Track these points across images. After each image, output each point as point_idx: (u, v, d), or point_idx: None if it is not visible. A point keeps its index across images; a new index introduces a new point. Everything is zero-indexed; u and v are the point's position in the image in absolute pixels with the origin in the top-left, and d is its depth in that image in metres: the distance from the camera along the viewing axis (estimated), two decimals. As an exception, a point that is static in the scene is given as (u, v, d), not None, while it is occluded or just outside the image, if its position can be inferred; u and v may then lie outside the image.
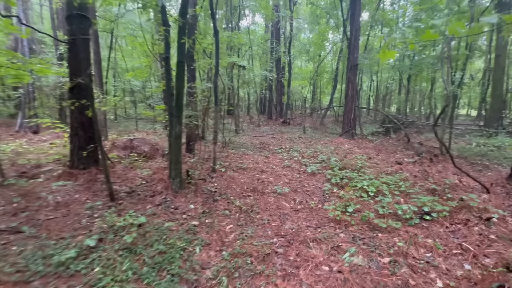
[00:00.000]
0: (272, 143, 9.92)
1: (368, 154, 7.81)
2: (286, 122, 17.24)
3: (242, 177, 5.38)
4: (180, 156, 4.04)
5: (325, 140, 10.58)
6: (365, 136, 10.60)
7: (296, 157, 7.17)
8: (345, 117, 10.48)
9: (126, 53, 18.31)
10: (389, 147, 9.01)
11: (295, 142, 10.29)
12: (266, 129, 14.94)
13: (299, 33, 27.54)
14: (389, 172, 5.81)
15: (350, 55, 10.05)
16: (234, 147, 8.93)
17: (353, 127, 10.35)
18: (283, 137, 11.83)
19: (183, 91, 3.90)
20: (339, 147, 8.91)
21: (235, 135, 11.96)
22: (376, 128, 11.87)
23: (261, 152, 8.09)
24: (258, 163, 6.63)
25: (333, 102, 18.24)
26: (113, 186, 4.57)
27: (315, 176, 5.61)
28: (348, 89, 10.20)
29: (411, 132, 12.24)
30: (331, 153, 7.80)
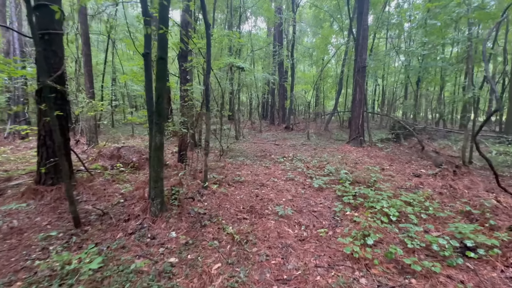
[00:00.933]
0: (274, 151, 9.20)
1: (380, 164, 7.05)
2: (289, 127, 16.53)
3: (239, 193, 4.66)
4: (161, 172, 3.34)
5: (331, 147, 9.83)
6: (375, 144, 9.84)
7: (300, 168, 6.44)
8: (353, 123, 9.75)
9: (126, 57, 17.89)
10: (402, 155, 8.23)
11: (299, 149, 9.56)
12: (268, 135, 14.23)
13: (302, 37, 27.05)
14: (408, 187, 5.05)
15: (358, 56, 9.36)
16: (233, 155, 8.23)
17: (361, 134, 9.61)
18: (286, 144, 11.10)
19: (164, 93, 3.23)
20: (347, 155, 8.16)
21: (235, 142, 11.27)
22: (386, 135, 11.10)
23: (261, 162, 7.37)
24: (257, 175, 5.91)
25: (337, 106, 17.50)
26: (86, 205, 3.89)
27: (322, 191, 4.87)
28: (355, 93, 9.49)
29: (423, 139, 11.46)
30: (339, 163, 7.05)
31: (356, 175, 5.46)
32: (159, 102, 3.20)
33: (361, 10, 9.21)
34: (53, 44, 3.90)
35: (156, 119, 3.22)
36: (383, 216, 3.48)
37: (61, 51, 4.03)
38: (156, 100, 3.20)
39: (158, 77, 3.18)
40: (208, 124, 4.34)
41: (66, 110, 4.20)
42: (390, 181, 5.37)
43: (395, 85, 21.71)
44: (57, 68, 3.99)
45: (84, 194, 4.20)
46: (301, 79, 26.20)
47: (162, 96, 3.22)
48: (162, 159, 3.36)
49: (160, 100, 3.20)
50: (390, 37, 15.57)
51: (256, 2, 17.92)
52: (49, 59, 3.89)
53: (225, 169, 6.31)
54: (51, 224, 3.31)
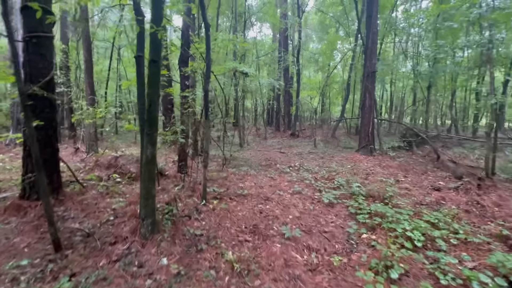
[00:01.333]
0: (280, 160, 8.78)
1: (394, 175, 6.56)
2: (294, 134, 16.12)
3: (241, 209, 4.24)
4: (152, 189, 2.96)
5: (339, 156, 9.36)
6: (386, 152, 9.33)
7: (308, 179, 5.99)
8: (362, 130, 9.28)
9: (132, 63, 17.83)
10: (417, 165, 7.71)
11: (306, 158, 9.12)
12: (273, 142, 13.83)
13: (307, 43, 26.84)
14: (428, 203, 4.56)
15: (367, 61, 8.97)
16: (236, 164, 7.83)
17: (371, 142, 9.13)
18: (292, 152, 10.68)
19: (157, 100, 2.88)
20: (357, 165, 7.68)
21: (239, 150, 10.90)
22: (397, 143, 10.58)
23: (266, 172, 6.95)
24: (262, 187, 5.49)
25: (345, 113, 17.04)
26: (72, 223, 3.53)
27: (333, 207, 4.42)
28: (365, 99, 9.05)
29: (437, 147, 10.90)
30: (349, 174, 6.59)
31: (369, 188, 4.99)
32: (151, 110, 2.85)
33: (370, 13, 8.85)
34: (41, 48, 3.62)
35: (147, 129, 2.87)
36: (406, 241, 3.01)
37: (50, 55, 3.74)
38: (148, 108, 2.85)
39: (150, 82, 2.84)
40: (208, 134, 3.98)
41: (55, 118, 3.89)
42: (408, 196, 4.88)
43: (404, 90, 21.17)
44: (46, 73, 3.70)
45: (73, 210, 3.85)
46: (306, 85, 25.86)
47: (154, 103, 2.87)
48: (154, 174, 2.99)
49: (152, 108, 2.85)
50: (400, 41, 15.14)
51: (261, 8, 17.79)
52: (37, 64, 3.61)
53: (228, 180, 5.91)
54: (29, 246, 2.95)
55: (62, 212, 3.74)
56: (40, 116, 3.67)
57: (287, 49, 18.73)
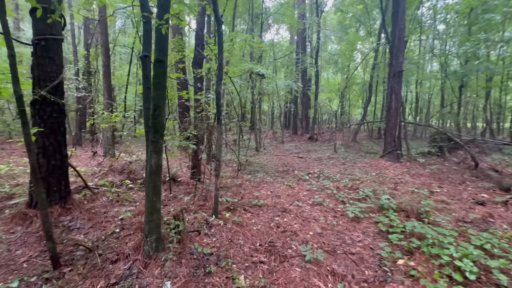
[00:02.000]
0: (298, 165, 8.32)
1: (426, 185, 5.89)
2: (313, 138, 15.53)
3: (256, 222, 3.87)
4: (157, 202, 2.68)
5: (362, 162, 8.72)
6: (414, 158, 8.57)
7: (329, 189, 5.50)
8: (388, 134, 8.60)
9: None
10: (451, 174, 6.94)
11: (326, 164, 8.59)
12: (291, 147, 13.36)
13: (326, 43, 26.11)
14: (473, 220, 3.93)
15: (393, 60, 8.30)
16: (252, 170, 7.48)
17: (398, 147, 8.42)
18: (311, 157, 10.16)
19: (163, 104, 2.60)
20: (383, 173, 7.05)
21: (255, 154, 10.56)
22: (426, 148, 9.73)
23: (283, 179, 6.53)
24: (279, 197, 5.08)
25: (366, 115, 16.20)
26: (77, 234, 3.34)
27: (359, 223, 3.92)
28: (390, 100, 8.38)
29: (474, 153, 9.91)
30: (375, 183, 6.01)
31: (400, 201, 4.43)
32: (156, 115, 2.57)
33: (396, 8, 8.21)
34: (49, 51, 3.50)
35: (152, 136, 2.59)
36: (455, 272, 2.49)
37: (59, 58, 3.62)
38: (152, 113, 2.57)
39: (156, 85, 2.57)
40: (220, 140, 3.65)
41: (64, 123, 3.76)
42: (447, 211, 4.26)
43: (431, 91, 19.86)
44: (55, 77, 3.57)
45: (79, 219, 3.67)
46: (325, 87, 25.11)
47: (160, 107, 2.59)
48: (159, 186, 2.70)
49: (157, 113, 2.57)
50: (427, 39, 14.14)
51: (278, 9, 17.48)
52: (45, 67, 3.48)
53: (242, 188, 5.57)
54: (29, 261, 2.76)
55: (69, 221, 3.57)
56: (48, 122, 3.55)
57: (305, 50, 18.23)
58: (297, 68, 17.67)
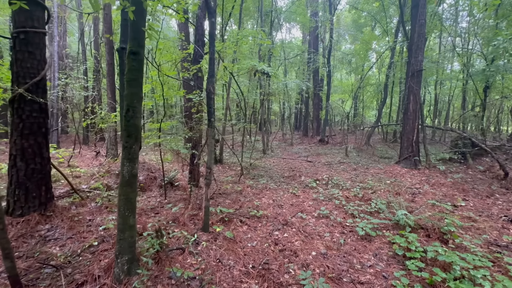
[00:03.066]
0: (305, 170, 7.81)
1: (449, 197, 5.25)
2: (323, 140, 14.90)
3: (252, 236, 3.44)
4: (130, 218, 2.30)
5: (376, 168, 8.10)
6: (434, 165, 7.85)
7: (338, 198, 4.99)
8: (404, 138, 7.93)
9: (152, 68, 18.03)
10: (477, 184, 6.23)
11: (335, 169, 8.03)
12: (300, 149, 12.82)
13: (339, 43, 25.31)
14: (508, 244, 3.33)
15: (412, 58, 7.64)
16: (256, 175, 7.05)
17: (415, 153, 7.73)
18: (320, 161, 9.61)
19: (138, 104, 2.22)
20: (398, 181, 6.43)
21: (261, 157, 10.13)
22: (447, 154, 8.95)
23: (288, 186, 6.06)
24: (281, 207, 4.63)
25: (381, 118, 15.39)
26: (53, 246, 3.03)
27: (371, 243, 3.40)
28: (408, 102, 7.71)
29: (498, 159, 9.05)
30: (390, 192, 5.43)
31: (419, 217, 3.87)
32: (129, 116, 2.20)
33: (416, 2, 7.55)
34: (30, 45, 3.22)
35: (124, 140, 2.22)
36: (493, 319, 1.96)
37: (40, 53, 3.34)
38: (125, 114, 2.20)
39: (129, 81, 2.19)
40: (211, 145, 3.26)
41: (46, 124, 3.48)
42: (475, 231, 3.67)
43: (451, 93, 18.71)
44: (35, 73, 3.29)
45: (59, 228, 3.38)
46: (337, 87, 24.33)
47: (134, 108, 2.21)
48: (132, 199, 2.33)
49: (130, 114, 2.20)
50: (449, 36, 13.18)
51: (290, 7, 16.97)
52: (25, 63, 3.21)
53: (242, 195, 5.15)
54: (-9, 278, 2.47)
55: (47, 231, 3.28)
56: (27, 122, 3.27)
57: (317, 49, 17.62)
58: (309, 68, 17.11)
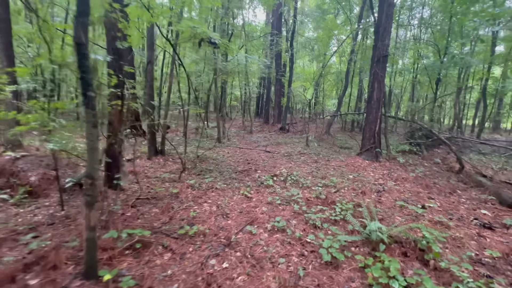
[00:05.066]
0: (263, 163, 6.87)
1: (415, 194, 4.78)
2: (284, 128, 14.23)
3: (174, 273, 2.31)
4: None
5: (337, 160, 7.54)
6: (393, 157, 7.57)
7: (297, 201, 4.12)
8: (367, 128, 7.46)
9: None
10: (436, 178, 5.98)
11: (296, 161, 7.25)
12: (259, 138, 11.90)
13: (302, 28, 24.63)
14: (493, 261, 2.77)
15: (379, 41, 7.04)
16: (202, 170, 5.86)
17: (377, 144, 7.33)
18: (280, 151, 8.79)
19: None
20: (361, 176, 5.87)
21: (215, 146, 8.92)
22: (406, 145, 8.84)
23: (240, 184, 5.03)
24: (226, 216, 3.57)
25: (341, 107, 15.23)
26: None
27: (338, 270, 2.55)
28: (372, 90, 7.18)
29: (450, 151, 9.29)
30: (354, 191, 4.77)
31: (393, 228, 3.16)
32: None
33: (386, -21, 6.88)
34: None
35: None
36: None
37: None
38: None
39: None
40: (92, 138, 1.97)
41: None
42: (453, 243, 3.09)
43: (404, 85, 19.54)
44: None
45: None
46: (299, 75, 23.84)
47: None
48: None
49: None
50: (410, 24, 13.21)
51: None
52: None
53: (178, 200, 3.96)
54: None
55: None
56: None
57: (280, 31, 16.58)
58: (271, 51, 16.03)
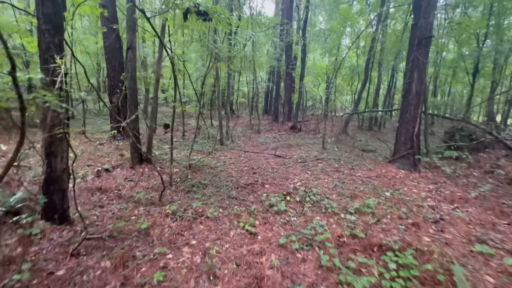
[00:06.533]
0: (271, 173, 5.52)
1: (487, 226, 3.32)
2: (295, 127, 12.80)
3: None
4: None
5: (364, 168, 6.10)
6: (435, 165, 6.05)
7: (324, 244, 2.76)
8: (402, 130, 5.97)
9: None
10: (503, 197, 4.46)
11: (312, 170, 5.86)
12: (268, 138, 10.53)
13: (315, 17, 22.95)
14: None
15: (421, 19, 5.51)
16: (194, 184, 4.55)
17: (416, 150, 5.84)
18: (292, 155, 7.41)
19: None
20: (402, 193, 4.43)
21: (216, 150, 7.63)
22: (446, 150, 7.27)
23: (241, 206, 3.70)
24: (213, 279, 2.26)
25: (360, 103, 13.64)
26: None
27: None
28: (411, 81, 5.67)
29: (499, 155, 7.67)
30: (401, 220, 3.36)
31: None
32: None
33: None
34: None
35: None
36: None
37: None
38: None
39: None
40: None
41: None
42: None
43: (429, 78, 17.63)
44: None
45: None
46: (311, 69, 22.23)
47: None
48: None
49: None
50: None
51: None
52: None
53: (146, 243, 2.67)
54: None
55: None
56: None
57: (291, 20, 15.06)
58: (281, 43, 14.56)
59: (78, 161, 5.48)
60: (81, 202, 3.60)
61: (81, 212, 2.74)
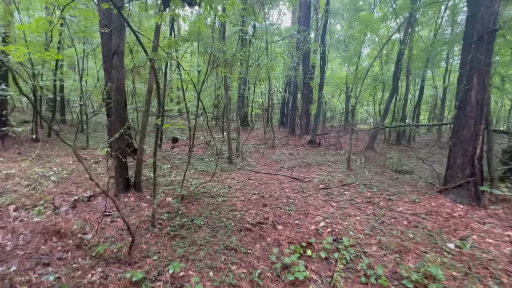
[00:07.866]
0: (286, 205, 4.34)
1: None
2: (314, 142, 11.55)
3: None
4: None
5: (405, 199, 4.76)
6: (503, 197, 4.58)
7: None
8: (457, 151, 4.60)
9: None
10: None
11: (338, 202, 4.61)
12: (283, 155, 9.37)
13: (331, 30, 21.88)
14: None
15: (481, 8, 4.27)
16: (184, 224, 3.48)
17: (479, 178, 4.42)
18: (311, 178, 6.19)
19: None
20: (473, 246, 3.08)
21: (223, 169, 6.58)
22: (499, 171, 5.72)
23: (240, 268, 2.57)
24: None
25: (387, 115, 12.17)
26: None
27: None
28: (470, 88, 4.37)
29: None
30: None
31: None
32: None
33: None
34: None
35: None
36: None
37: None
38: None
39: None
40: None
41: None
42: None
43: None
44: None
45: None
46: (329, 79, 20.98)
47: None
48: None
49: None
50: None
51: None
52: None
53: None
54: None
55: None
56: None
57: (308, 27, 14.09)
58: (298, 50, 13.58)
59: (56, 187, 4.64)
60: (25, 256, 2.64)
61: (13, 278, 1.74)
